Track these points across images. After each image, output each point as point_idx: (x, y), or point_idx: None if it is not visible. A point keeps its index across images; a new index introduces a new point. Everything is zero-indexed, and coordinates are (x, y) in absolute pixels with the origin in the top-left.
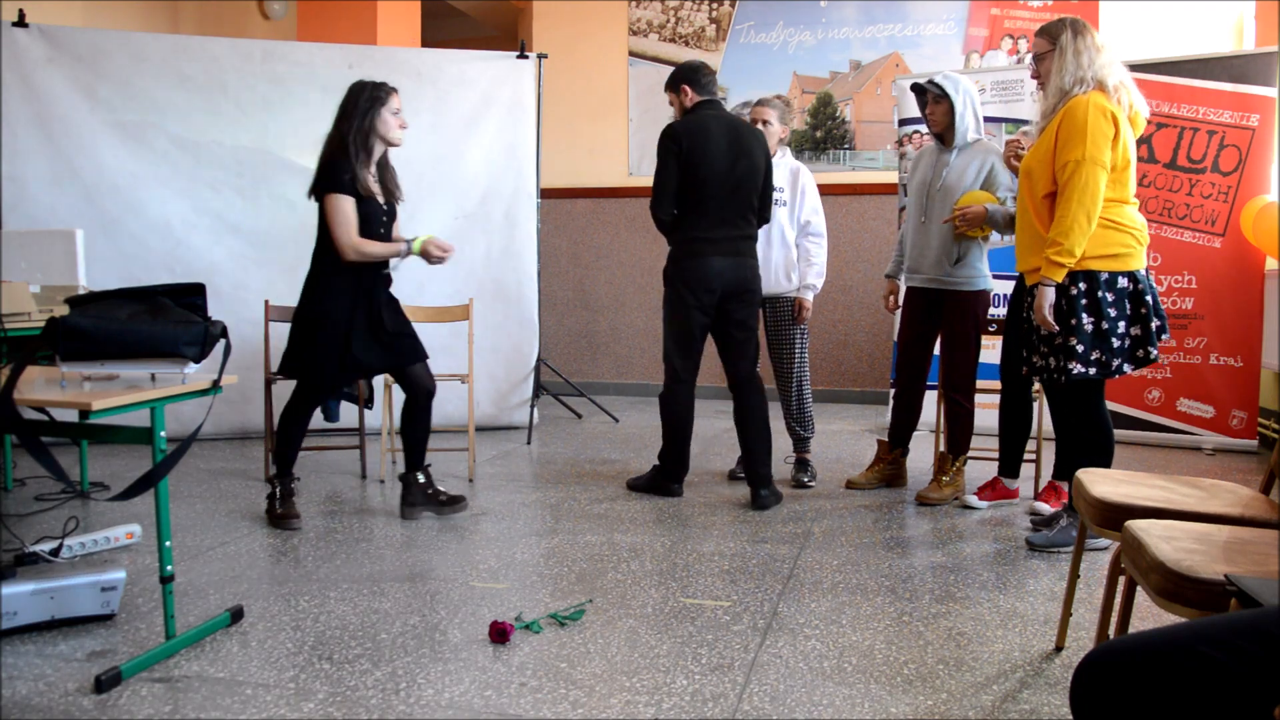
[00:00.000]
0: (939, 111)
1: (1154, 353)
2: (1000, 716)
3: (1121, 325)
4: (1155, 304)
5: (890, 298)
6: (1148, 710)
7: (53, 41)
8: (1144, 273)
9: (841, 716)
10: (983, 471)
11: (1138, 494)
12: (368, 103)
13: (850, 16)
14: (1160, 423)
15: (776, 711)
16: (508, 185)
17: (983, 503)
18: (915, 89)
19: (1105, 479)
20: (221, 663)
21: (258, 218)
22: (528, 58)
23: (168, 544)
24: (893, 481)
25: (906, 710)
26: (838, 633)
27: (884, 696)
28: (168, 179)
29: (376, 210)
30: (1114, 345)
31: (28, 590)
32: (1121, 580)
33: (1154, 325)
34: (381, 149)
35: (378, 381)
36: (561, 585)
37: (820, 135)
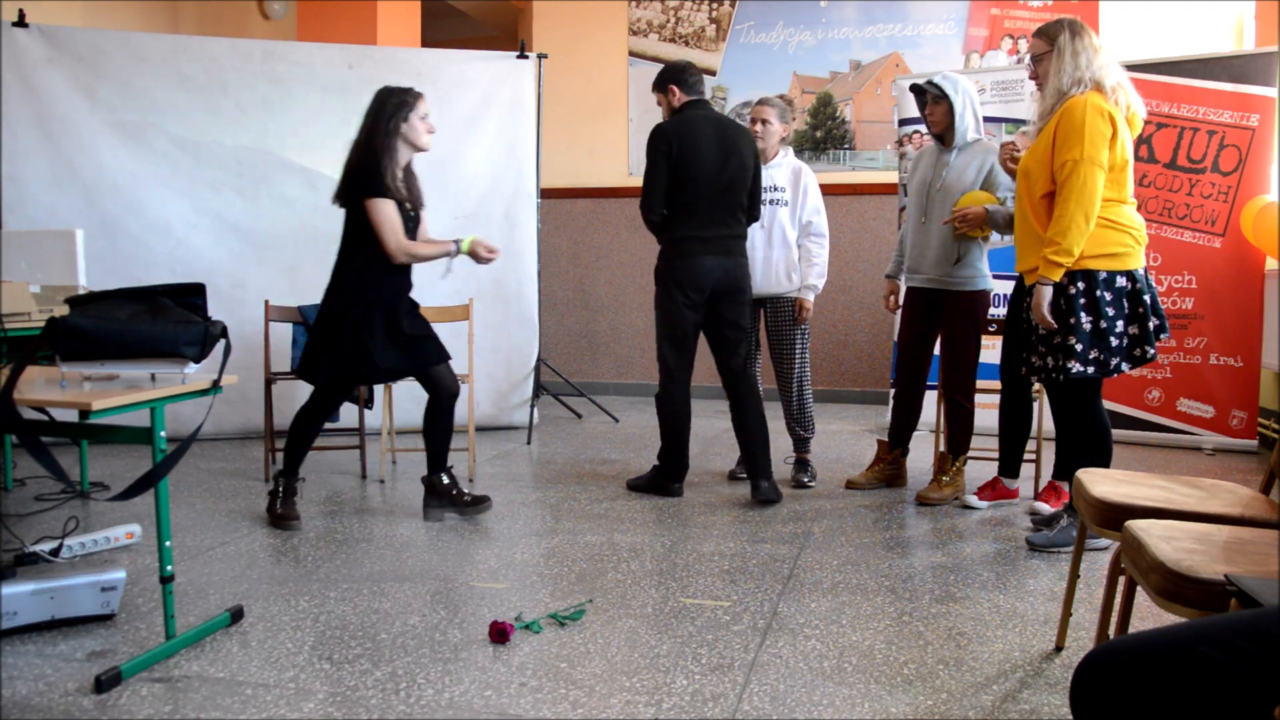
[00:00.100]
0: (938, 112)
1: (1152, 352)
2: (1000, 716)
3: (1120, 324)
4: (1154, 303)
5: (890, 298)
6: (1148, 710)
7: (53, 41)
8: (1142, 272)
9: (841, 716)
10: (983, 471)
11: (1138, 494)
12: (395, 108)
13: (850, 16)
14: (1160, 423)
15: (776, 711)
16: (508, 185)
17: (983, 503)
18: (914, 90)
19: (1105, 479)
20: (221, 663)
21: (258, 218)
22: (528, 58)
23: (168, 544)
24: (893, 481)
25: (906, 710)
26: (838, 633)
27: (884, 696)
28: (168, 179)
29: (405, 215)
30: (1112, 344)
31: (28, 590)
32: (1121, 580)
33: (1152, 325)
34: (409, 154)
35: None
36: (561, 585)
37: (820, 135)
